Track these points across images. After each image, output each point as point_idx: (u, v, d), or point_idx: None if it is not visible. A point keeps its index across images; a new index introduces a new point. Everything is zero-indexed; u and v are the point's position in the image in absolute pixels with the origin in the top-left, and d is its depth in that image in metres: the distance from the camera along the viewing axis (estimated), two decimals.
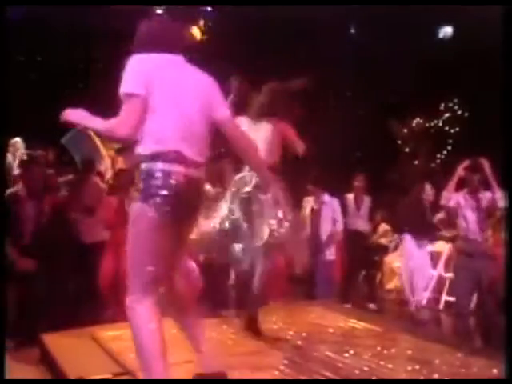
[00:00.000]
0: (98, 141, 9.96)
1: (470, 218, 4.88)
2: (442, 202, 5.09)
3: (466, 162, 4.96)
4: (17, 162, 8.65)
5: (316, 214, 6.28)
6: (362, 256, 6.86)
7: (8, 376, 3.18)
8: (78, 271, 5.27)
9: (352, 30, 11.36)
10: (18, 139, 8.85)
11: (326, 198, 6.30)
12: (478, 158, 4.92)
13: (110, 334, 3.97)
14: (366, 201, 6.87)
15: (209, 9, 11.24)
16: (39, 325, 4.23)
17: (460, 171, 4.97)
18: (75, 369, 3.33)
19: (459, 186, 5.05)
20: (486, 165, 4.83)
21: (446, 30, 10.78)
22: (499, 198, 4.76)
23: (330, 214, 6.25)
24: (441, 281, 6.92)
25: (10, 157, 8.65)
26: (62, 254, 5.11)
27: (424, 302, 6.49)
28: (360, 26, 11.23)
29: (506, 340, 3.00)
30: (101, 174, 6.71)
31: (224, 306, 5.35)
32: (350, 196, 6.88)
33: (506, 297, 4.52)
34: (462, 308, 4.98)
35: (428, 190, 6.12)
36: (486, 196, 4.88)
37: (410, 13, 9.52)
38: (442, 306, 6.67)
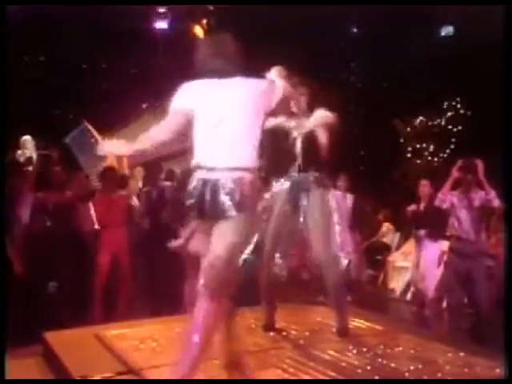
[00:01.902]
0: (101, 141, 9.97)
1: (463, 218, 4.89)
2: (437, 203, 5.09)
3: (460, 163, 4.95)
4: (26, 159, 8.69)
5: None
6: None
7: (8, 376, 3.19)
8: (81, 269, 5.33)
9: (354, 29, 11.35)
10: (27, 137, 8.87)
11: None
12: (471, 158, 4.93)
13: (113, 332, 3.99)
14: (349, 198, 6.94)
15: (211, 8, 11.25)
16: (42, 323, 4.24)
17: (454, 173, 4.97)
18: (78, 367, 3.34)
19: (453, 187, 5.05)
20: (479, 165, 4.83)
21: (448, 29, 10.76)
22: (493, 197, 4.76)
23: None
24: None
25: (19, 154, 8.71)
26: (64, 251, 5.16)
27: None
28: (362, 25, 11.21)
29: (506, 340, 2.99)
30: (114, 171, 6.66)
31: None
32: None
33: (506, 297, 4.53)
34: (451, 305, 4.99)
35: (422, 186, 6.09)
36: (479, 196, 4.88)
37: (412, 12, 9.51)
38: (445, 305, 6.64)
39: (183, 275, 4.84)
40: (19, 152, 8.91)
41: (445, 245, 6.02)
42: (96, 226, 5.34)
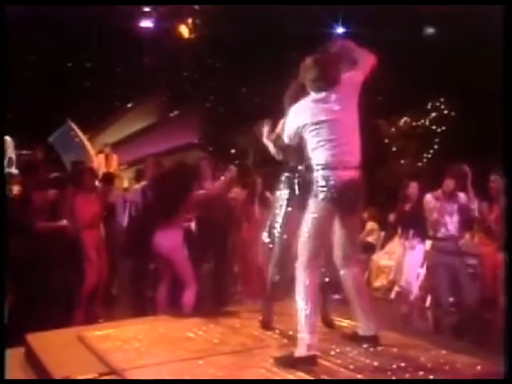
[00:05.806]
0: (85, 140, 9.93)
1: (447, 220, 4.99)
2: (427, 205, 5.16)
3: (451, 169, 5.03)
4: (6, 160, 8.62)
5: None
6: None
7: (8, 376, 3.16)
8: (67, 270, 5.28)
9: (344, 28, 11.37)
10: (7, 138, 8.81)
11: None
12: (461, 165, 5.02)
13: (96, 333, 3.97)
14: None
15: (196, 7, 11.23)
16: (24, 324, 4.20)
17: (447, 180, 5.04)
18: (61, 369, 3.32)
19: (435, 187, 5.16)
20: (469, 173, 4.94)
21: (434, 29, 10.83)
22: (474, 208, 4.91)
23: None
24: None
25: None
26: (51, 252, 5.11)
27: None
28: (351, 23, 11.25)
29: (506, 340, 3.00)
30: (93, 171, 6.56)
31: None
32: None
33: (506, 297, 4.58)
34: (442, 304, 5.06)
35: (412, 188, 6.19)
36: (459, 199, 4.99)
37: (400, 11, 9.56)
38: (429, 303, 6.70)
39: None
40: None
41: (427, 244, 6.09)
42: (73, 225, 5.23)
